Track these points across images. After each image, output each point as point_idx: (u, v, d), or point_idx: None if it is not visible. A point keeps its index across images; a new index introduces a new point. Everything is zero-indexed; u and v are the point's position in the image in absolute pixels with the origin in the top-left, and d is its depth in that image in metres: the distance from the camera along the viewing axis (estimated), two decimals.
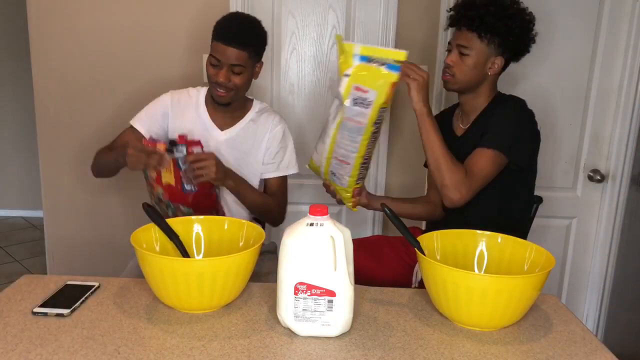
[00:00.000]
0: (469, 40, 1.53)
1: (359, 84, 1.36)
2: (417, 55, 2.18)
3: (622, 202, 2.24)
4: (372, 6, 2.17)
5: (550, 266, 1.12)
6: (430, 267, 1.12)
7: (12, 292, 1.23)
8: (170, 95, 1.74)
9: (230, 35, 1.56)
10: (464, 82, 1.57)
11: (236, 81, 1.60)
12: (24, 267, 3.48)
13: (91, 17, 2.18)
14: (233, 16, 1.66)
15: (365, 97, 1.37)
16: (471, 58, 1.54)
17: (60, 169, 2.30)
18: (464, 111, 1.66)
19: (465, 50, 1.54)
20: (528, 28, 1.55)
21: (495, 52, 1.54)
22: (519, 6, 1.54)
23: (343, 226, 1.09)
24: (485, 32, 1.51)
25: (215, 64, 1.58)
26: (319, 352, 1.02)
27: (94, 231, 2.36)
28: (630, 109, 2.16)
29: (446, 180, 1.47)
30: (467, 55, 1.54)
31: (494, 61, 1.55)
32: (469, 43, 1.53)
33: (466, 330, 1.12)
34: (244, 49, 1.57)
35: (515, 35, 1.53)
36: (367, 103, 1.37)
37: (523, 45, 1.57)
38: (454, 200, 1.48)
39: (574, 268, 2.37)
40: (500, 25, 1.50)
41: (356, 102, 1.38)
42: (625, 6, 2.11)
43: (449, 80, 1.58)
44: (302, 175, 1.92)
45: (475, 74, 1.56)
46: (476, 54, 1.54)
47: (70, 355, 0.98)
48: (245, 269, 1.16)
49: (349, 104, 1.38)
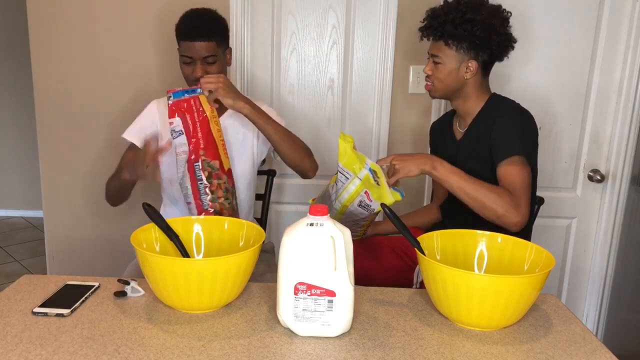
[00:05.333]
0: (438, 49, 1.56)
1: (369, 191, 1.44)
2: (417, 56, 2.18)
3: (622, 202, 2.24)
4: (372, 6, 2.17)
5: (550, 266, 1.12)
6: (430, 267, 1.12)
7: (12, 292, 1.23)
8: (156, 103, 1.76)
9: (194, 30, 1.58)
10: (443, 89, 1.59)
11: (213, 71, 1.61)
12: (24, 267, 3.48)
13: (91, 17, 2.18)
14: (190, 13, 1.66)
15: (370, 204, 1.46)
16: (444, 65, 1.56)
17: (60, 169, 2.30)
18: (460, 115, 1.67)
19: (437, 59, 1.57)
20: (494, 29, 1.52)
21: (466, 56, 1.55)
22: (479, 8, 1.52)
23: (343, 226, 1.09)
24: (448, 39, 1.54)
25: (188, 62, 1.61)
26: (319, 352, 1.02)
27: (94, 231, 2.36)
28: (630, 109, 2.16)
29: (499, 211, 1.42)
30: (439, 63, 1.57)
31: (468, 65, 1.55)
32: (439, 52, 1.56)
33: (466, 330, 1.12)
34: (210, 40, 1.59)
35: (480, 38, 1.51)
36: (370, 209, 1.48)
37: (496, 45, 1.54)
38: (517, 223, 1.43)
39: (574, 268, 2.37)
40: (461, 30, 1.51)
41: (361, 204, 1.47)
42: (625, 6, 2.11)
43: (430, 89, 1.62)
44: None
45: (451, 80, 1.57)
46: (447, 61, 1.56)
47: (70, 355, 0.99)
48: (245, 269, 1.16)
49: (355, 205, 1.48)
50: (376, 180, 1.45)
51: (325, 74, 2.24)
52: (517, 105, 1.56)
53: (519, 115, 1.53)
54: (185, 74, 1.64)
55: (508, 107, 1.56)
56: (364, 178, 1.44)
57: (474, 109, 1.61)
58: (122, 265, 1.74)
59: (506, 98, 1.61)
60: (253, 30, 2.21)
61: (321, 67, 2.23)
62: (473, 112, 1.61)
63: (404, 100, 2.23)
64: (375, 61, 2.21)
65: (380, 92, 2.22)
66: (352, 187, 1.45)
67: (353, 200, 1.47)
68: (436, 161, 1.47)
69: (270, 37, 2.22)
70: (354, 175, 1.44)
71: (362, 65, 2.22)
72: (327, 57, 2.22)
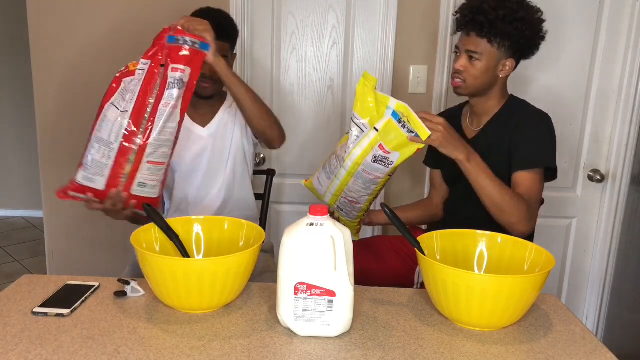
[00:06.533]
0: (478, 45, 1.48)
1: (384, 144, 1.34)
2: (417, 56, 2.18)
3: (622, 202, 2.24)
4: (372, 6, 2.17)
5: (550, 266, 1.12)
6: (430, 267, 1.12)
7: (12, 292, 1.23)
8: None
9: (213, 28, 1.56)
10: (475, 87, 1.53)
11: None
12: (24, 267, 3.48)
13: (91, 17, 2.18)
14: (207, 10, 1.65)
15: (387, 156, 1.36)
16: (482, 62, 1.49)
17: (60, 169, 2.30)
18: (475, 113, 1.62)
19: (475, 55, 1.49)
20: (539, 28, 1.51)
21: (505, 54, 1.50)
22: (528, 6, 1.50)
23: (343, 226, 1.09)
24: (495, 37, 1.47)
25: None
26: (319, 352, 1.02)
27: (94, 231, 2.36)
28: (630, 109, 2.16)
29: (513, 218, 1.41)
30: (477, 60, 1.49)
31: (505, 63, 1.51)
32: (479, 48, 1.48)
33: (466, 330, 1.12)
34: (225, 41, 1.59)
35: (526, 37, 1.49)
36: (387, 163, 1.37)
37: (534, 45, 1.53)
38: (524, 232, 1.43)
39: (574, 268, 2.37)
40: (511, 29, 1.46)
41: (376, 159, 1.37)
42: (625, 6, 2.11)
43: (460, 86, 1.54)
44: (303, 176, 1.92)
45: (486, 78, 1.52)
46: (487, 58, 1.49)
47: (70, 355, 0.99)
48: (245, 269, 1.16)
49: (369, 160, 1.37)
50: (402, 123, 1.31)
51: (325, 73, 2.24)
52: (540, 111, 1.55)
53: (546, 126, 1.52)
54: None
55: (533, 114, 1.54)
56: (383, 127, 1.32)
57: (492, 109, 1.58)
58: (122, 265, 1.74)
59: (525, 101, 1.59)
60: (253, 30, 2.21)
61: (321, 67, 2.23)
62: (491, 111, 1.58)
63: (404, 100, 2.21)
64: (375, 61, 2.21)
65: (380, 92, 2.21)
66: (366, 141, 1.35)
67: (366, 156, 1.36)
68: (473, 154, 1.41)
69: (270, 37, 2.22)
70: (370, 127, 1.33)
71: (362, 65, 2.22)
72: (327, 57, 2.22)
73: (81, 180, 1.32)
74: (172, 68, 1.32)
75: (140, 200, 1.34)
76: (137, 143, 1.30)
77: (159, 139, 1.32)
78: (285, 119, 2.23)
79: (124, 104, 1.32)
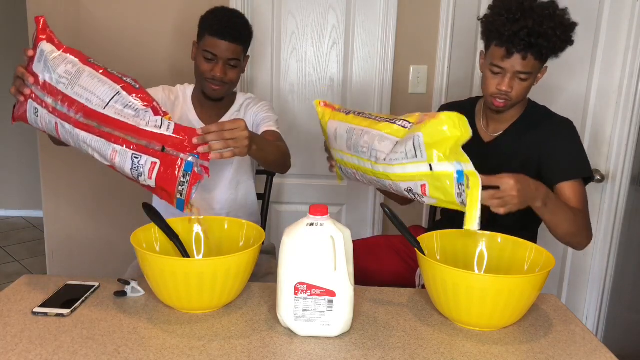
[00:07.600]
0: (530, 67, 1.39)
1: (428, 186, 1.16)
2: (417, 55, 2.18)
3: (622, 202, 2.24)
4: (372, 6, 2.17)
5: (550, 266, 1.12)
6: (430, 267, 1.12)
7: (12, 292, 1.23)
8: (162, 89, 1.73)
9: (227, 30, 1.55)
10: (517, 102, 1.48)
11: (232, 75, 1.60)
12: (24, 267, 3.48)
13: (91, 18, 2.18)
14: (223, 10, 1.63)
15: (422, 196, 1.19)
16: (530, 80, 1.42)
17: (60, 169, 2.30)
18: (494, 118, 1.57)
19: (524, 75, 1.40)
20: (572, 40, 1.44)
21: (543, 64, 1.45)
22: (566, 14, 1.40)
23: (343, 226, 1.09)
24: (551, 56, 1.41)
25: (210, 59, 1.57)
26: (319, 352, 1.02)
27: (94, 231, 2.36)
28: (630, 109, 2.16)
29: (585, 241, 1.46)
30: (525, 80, 1.41)
31: (542, 71, 1.47)
32: (527, 68, 1.39)
33: (466, 330, 1.12)
34: (240, 43, 1.58)
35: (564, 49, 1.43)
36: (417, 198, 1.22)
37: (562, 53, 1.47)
38: (586, 246, 1.49)
39: (574, 268, 2.37)
40: (563, 46, 1.41)
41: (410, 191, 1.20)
42: (625, 6, 2.11)
43: (506, 106, 1.46)
44: (303, 176, 1.93)
45: (528, 91, 1.47)
46: (534, 74, 1.43)
47: (70, 355, 0.98)
48: (245, 269, 1.16)
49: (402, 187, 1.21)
50: (460, 188, 1.12)
51: (325, 74, 2.24)
52: (565, 119, 1.53)
53: (576, 134, 1.51)
54: (202, 69, 1.58)
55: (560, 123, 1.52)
56: (439, 173, 1.12)
57: (514, 115, 1.55)
58: (123, 266, 1.74)
59: (545, 107, 1.57)
60: (253, 30, 2.20)
61: (321, 67, 2.23)
62: (512, 118, 1.55)
63: (404, 100, 2.23)
64: (375, 61, 2.21)
65: (380, 92, 2.22)
66: (411, 169, 1.16)
67: (402, 182, 1.20)
68: (548, 197, 1.30)
69: (270, 37, 2.22)
70: (426, 161, 1.13)
71: (362, 65, 2.22)
72: (327, 57, 2.22)
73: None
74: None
75: None
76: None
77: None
78: (285, 119, 2.23)
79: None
